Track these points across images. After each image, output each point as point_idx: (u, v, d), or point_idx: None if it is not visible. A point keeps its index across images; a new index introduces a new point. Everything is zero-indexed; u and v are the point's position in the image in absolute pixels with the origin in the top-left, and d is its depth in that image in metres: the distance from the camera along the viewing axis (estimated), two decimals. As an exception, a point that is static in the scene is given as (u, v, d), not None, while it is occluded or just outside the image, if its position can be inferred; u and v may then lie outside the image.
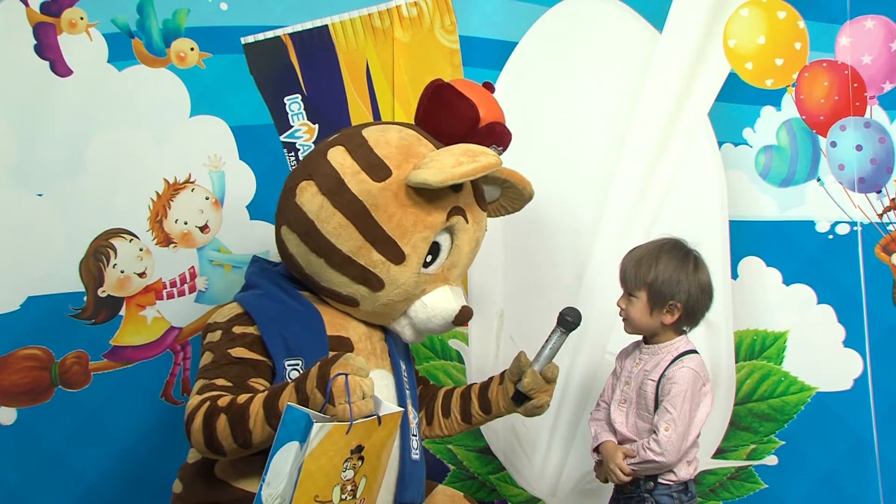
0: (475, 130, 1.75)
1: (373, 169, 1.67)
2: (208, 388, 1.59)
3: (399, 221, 1.66)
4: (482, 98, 1.78)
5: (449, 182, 1.62)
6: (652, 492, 1.93)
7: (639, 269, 1.93)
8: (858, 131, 2.32)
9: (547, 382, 1.88)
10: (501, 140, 1.78)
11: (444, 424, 1.95)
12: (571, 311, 1.87)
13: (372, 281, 1.69)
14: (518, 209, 1.95)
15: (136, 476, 2.22)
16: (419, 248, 1.69)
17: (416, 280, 1.71)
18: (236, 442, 1.52)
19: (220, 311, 1.75)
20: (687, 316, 1.94)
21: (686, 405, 1.88)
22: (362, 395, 1.43)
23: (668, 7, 2.32)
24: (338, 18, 2.28)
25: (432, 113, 1.79)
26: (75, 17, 2.20)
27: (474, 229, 1.78)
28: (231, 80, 2.25)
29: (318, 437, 1.37)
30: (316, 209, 1.68)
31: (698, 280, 1.93)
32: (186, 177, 2.25)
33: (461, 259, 1.77)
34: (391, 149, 1.70)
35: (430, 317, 1.74)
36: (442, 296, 1.74)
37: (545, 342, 1.87)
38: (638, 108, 2.33)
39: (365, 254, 1.67)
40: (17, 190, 2.19)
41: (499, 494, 2.38)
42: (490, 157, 1.66)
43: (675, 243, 1.96)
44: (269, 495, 1.40)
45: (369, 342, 1.77)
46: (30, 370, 2.19)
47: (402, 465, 1.72)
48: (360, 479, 1.45)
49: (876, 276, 2.32)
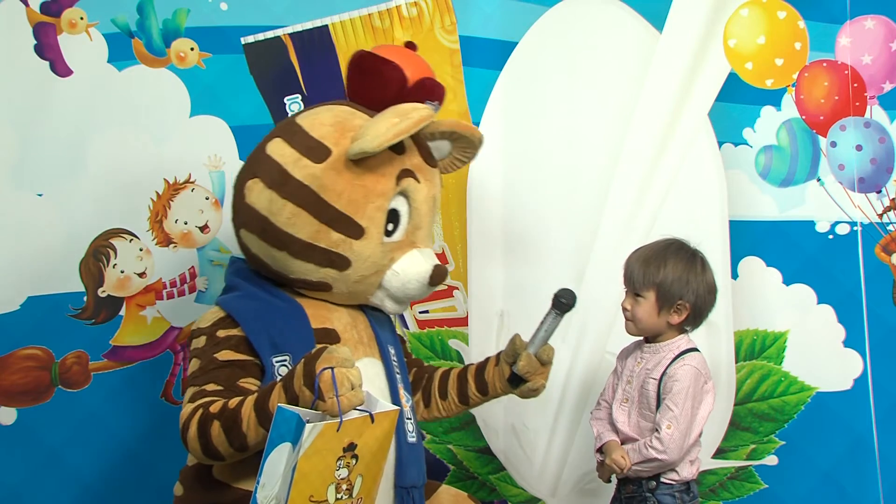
0: (405, 91, 1.73)
1: (312, 152, 1.68)
2: (199, 395, 1.59)
3: (349, 197, 1.66)
4: (405, 58, 1.78)
5: (385, 144, 1.62)
6: (654, 491, 1.93)
7: (647, 270, 1.92)
8: (858, 131, 2.32)
9: (542, 365, 1.87)
10: (434, 94, 1.77)
11: (441, 406, 1.94)
12: (566, 292, 1.85)
13: (337, 262, 1.69)
14: (472, 157, 1.93)
15: (136, 476, 2.22)
16: (376, 218, 1.69)
17: (382, 250, 1.71)
18: (232, 447, 1.52)
19: (203, 316, 1.74)
20: (693, 316, 1.94)
21: (688, 403, 1.88)
22: (350, 385, 1.42)
23: (668, 7, 2.32)
24: (338, 18, 2.28)
25: (359, 84, 1.78)
26: (75, 17, 2.20)
27: (428, 187, 1.77)
28: (231, 80, 2.25)
29: (310, 438, 1.36)
30: (266, 204, 1.68)
31: (706, 280, 1.94)
32: (186, 177, 2.25)
33: (422, 220, 1.76)
34: (326, 128, 1.70)
35: (404, 283, 1.74)
36: (412, 260, 1.74)
37: (540, 324, 1.86)
38: (638, 108, 2.33)
39: (324, 236, 1.67)
40: (17, 190, 2.19)
41: (499, 494, 2.38)
42: (422, 110, 1.66)
43: (682, 244, 1.96)
44: (265, 497, 1.40)
45: (355, 331, 1.76)
46: (30, 370, 2.19)
47: (399, 449, 1.71)
48: (355, 478, 1.45)
49: (876, 276, 2.32)
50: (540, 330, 1.86)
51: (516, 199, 2.34)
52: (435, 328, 2.35)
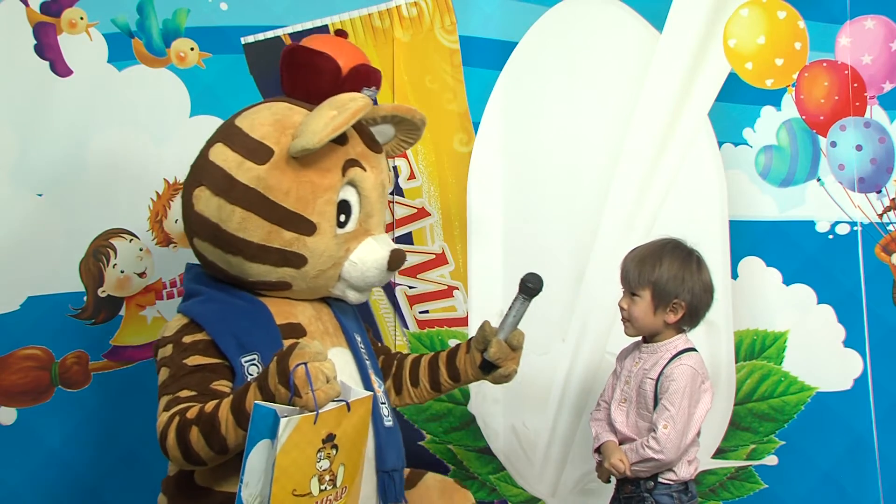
0: (340, 80, 1.73)
1: (254, 154, 1.67)
2: (174, 403, 1.58)
3: (297, 195, 1.66)
4: (337, 47, 1.76)
5: (326, 139, 1.61)
6: (652, 491, 1.93)
7: (642, 269, 1.93)
8: (858, 131, 2.32)
9: (513, 350, 1.86)
10: (370, 80, 1.76)
11: (413, 393, 1.93)
12: (532, 276, 1.84)
13: (293, 260, 1.69)
14: (417, 139, 1.92)
15: (136, 476, 2.22)
16: (326, 212, 1.68)
17: (337, 242, 1.71)
18: (213, 450, 1.51)
19: (167, 325, 1.73)
20: (690, 315, 1.94)
21: (685, 402, 1.88)
22: (325, 379, 1.42)
23: (668, 7, 2.32)
24: (338, 18, 2.28)
25: (294, 79, 1.77)
26: (75, 17, 2.20)
27: (375, 174, 1.76)
28: (231, 80, 2.25)
29: (286, 432, 1.36)
30: (216, 212, 1.67)
31: (702, 279, 1.94)
32: (186, 177, 2.25)
33: (373, 207, 1.76)
34: (266, 128, 1.69)
35: (363, 272, 1.74)
36: (368, 248, 1.74)
37: (508, 310, 1.85)
38: (638, 108, 2.33)
39: (276, 237, 1.67)
40: (17, 190, 2.19)
41: (499, 494, 2.38)
42: (359, 100, 1.66)
43: (678, 243, 1.97)
44: (249, 495, 1.40)
45: (320, 322, 1.76)
46: (30, 370, 2.19)
47: (377, 434, 1.71)
48: (337, 468, 1.44)
49: (876, 276, 2.32)
50: (509, 316, 1.85)
51: (516, 199, 2.34)
52: (435, 328, 2.35)
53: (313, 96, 1.72)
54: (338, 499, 1.46)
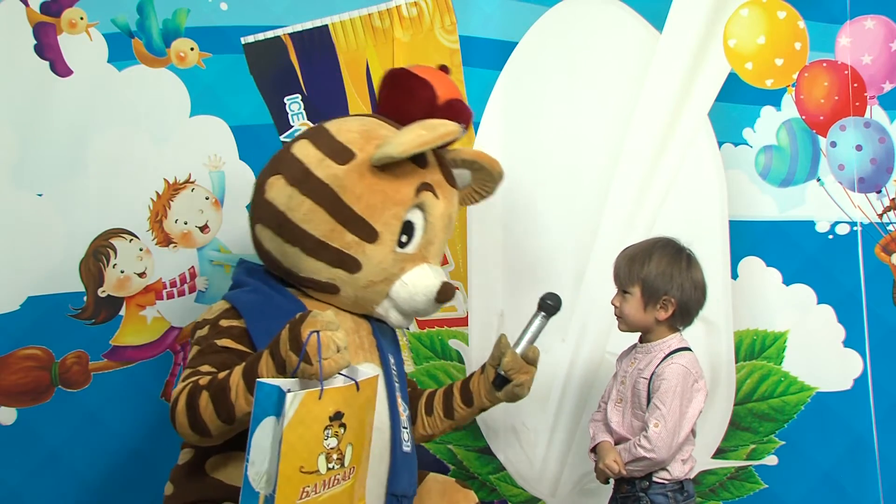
0: (434, 109, 1.75)
1: (337, 154, 1.70)
2: (192, 375, 1.60)
3: (368, 200, 1.68)
4: (437, 78, 1.79)
5: (410, 152, 1.64)
6: (647, 491, 1.93)
7: (632, 266, 1.94)
8: (858, 131, 2.32)
9: (528, 363, 1.88)
10: (461, 116, 1.79)
11: (426, 423, 1.95)
12: (552, 295, 1.88)
13: (348, 262, 1.70)
14: (491, 192, 1.94)
15: (137, 476, 2.22)
16: (391, 224, 1.70)
17: (394, 258, 1.72)
18: (219, 417, 1.50)
19: (210, 308, 1.77)
20: (681, 312, 1.94)
21: (675, 401, 1.89)
22: (336, 348, 1.41)
23: (668, 7, 2.32)
24: (338, 18, 2.28)
25: (390, 99, 1.81)
26: (75, 17, 2.20)
27: (445, 205, 1.78)
28: (231, 80, 2.25)
29: (293, 406, 1.36)
30: (286, 200, 1.70)
31: (691, 276, 1.94)
32: (186, 177, 2.25)
33: (436, 236, 1.78)
34: (353, 134, 1.73)
35: (411, 295, 1.74)
36: (421, 273, 1.75)
37: (526, 326, 1.88)
38: (638, 108, 2.33)
39: (338, 236, 1.69)
40: (17, 190, 2.19)
41: (499, 494, 2.38)
42: (448, 125, 1.69)
43: (668, 241, 1.98)
44: (256, 474, 1.39)
45: (357, 336, 1.77)
46: (30, 370, 2.19)
47: (394, 456, 1.72)
48: (345, 447, 1.44)
49: (876, 276, 2.32)
50: (526, 332, 1.88)
51: (516, 199, 2.34)
52: (435, 328, 2.35)
53: (404, 118, 1.75)
54: (346, 478, 1.45)
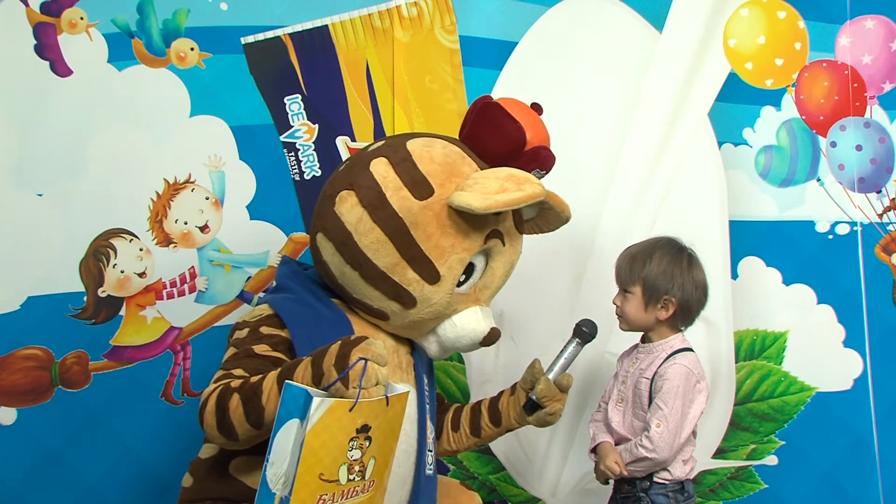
0: (520, 153, 1.73)
1: (415, 185, 1.65)
2: (224, 377, 1.58)
3: (437, 242, 1.65)
4: (529, 120, 1.76)
5: (492, 210, 1.61)
6: (647, 491, 1.93)
7: (633, 265, 1.94)
8: (858, 131, 2.32)
9: (560, 391, 1.87)
10: (545, 164, 1.76)
11: (452, 438, 1.94)
12: (588, 322, 1.88)
13: (405, 298, 1.68)
14: (553, 230, 1.91)
15: (136, 476, 2.22)
16: (455, 269, 1.68)
17: (449, 300, 1.71)
18: (248, 421, 1.49)
19: (252, 311, 1.74)
20: (682, 312, 1.95)
21: (678, 402, 1.89)
22: (376, 381, 1.41)
23: (668, 7, 2.32)
24: (338, 18, 2.28)
25: (478, 131, 1.76)
26: (75, 17, 2.20)
27: (510, 252, 1.77)
28: (231, 80, 2.25)
29: (318, 412, 1.35)
30: (355, 221, 1.66)
31: (692, 276, 1.94)
32: (186, 177, 2.25)
33: (494, 281, 1.77)
34: (435, 165, 1.68)
35: (458, 336, 1.74)
36: (472, 316, 1.74)
37: (560, 352, 1.88)
38: (638, 108, 2.33)
39: (400, 271, 1.66)
40: (17, 190, 2.18)
41: (499, 494, 2.38)
42: (535, 186, 1.64)
43: (670, 241, 1.98)
44: (274, 475, 1.38)
45: (396, 355, 1.76)
46: (30, 370, 2.19)
47: (417, 479, 1.72)
48: (368, 460, 1.43)
49: (876, 276, 2.32)
50: (560, 358, 1.88)
51: (516, 199, 2.34)
52: (435, 328, 2.35)
53: (488, 155, 1.73)
54: (365, 491, 1.45)
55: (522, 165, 1.71)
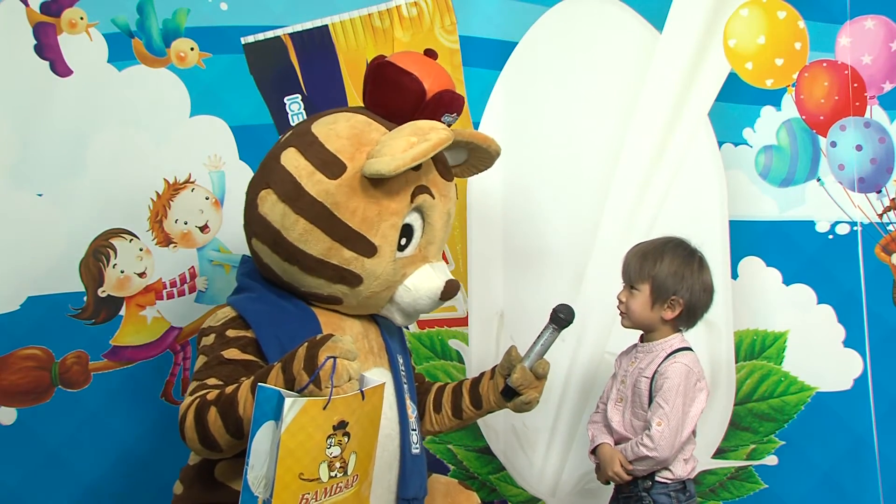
0: (423, 103, 1.70)
1: (327, 166, 1.65)
2: (199, 388, 1.59)
3: (363, 215, 1.65)
4: (426, 69, 1.73)
5: (402, 169, 1.60)
6: (649, 490, 1.93)
7: (643, 263, 1.94)
8: (858, 131, 2.32)
9: (537, 378, 1.87)
10: (452, 107, 1.74)
11: (434, 420, 1.94)
12: (564, 307, 1.86)
13: (349, 278, 1.68)
14: (489, 167, 1.90)
15: (136, 476, 2.22)
16: (389, 236, 1.68)
17: (394, 267, 1.70)
18: (228, 432, 1.50)
19: (215, 314, 1.74)
20: (687, 313, 1.95)
21: (678, 400, 1.89)
22: (348, 377, 1.41)
23: (668, 7, 2.32)
24: (338, 18, 2.28)
25: (377, 93, 1.75)
26: (75, 17, 2.20)
27: (443, 202, 1.75)
28: (231, 80, 2.25)
29: (291, 413, 1.35)
30: (279, 218, 1.66)
31: (702, 279, 1.94)
32: (186, 177, 2.25)
33: (436, 235, 1.76)
34: (342, 140, 1.67)
35: (415, 299, 1.73)
36: (424, 275, 1.73)
37: (537, 338, 1.87)
38: (638, 108, 2.33)
39: (336, 253, 1.66)
40: (17, 190, 2.18)
41: (499, 494, 2.38)
42: (440, 132, 1.63)
43: (680, 241, 1.98)
44: (255, 478, 1.39)
45: (366, 340, 1.76)
46: (30, 370, 2.19)
47: (403, 460, 1.71)
48: (349, 456, 1.44)
49: (876, 276, 2.32)
50: (536, 344, 1.86)
51: (516, 199, 2.34)
52: (435, 328, 2.35)
53: (394, 115, 1.72)
54: (349, 486, 1.45)
55: (431, 115, 1.70)
